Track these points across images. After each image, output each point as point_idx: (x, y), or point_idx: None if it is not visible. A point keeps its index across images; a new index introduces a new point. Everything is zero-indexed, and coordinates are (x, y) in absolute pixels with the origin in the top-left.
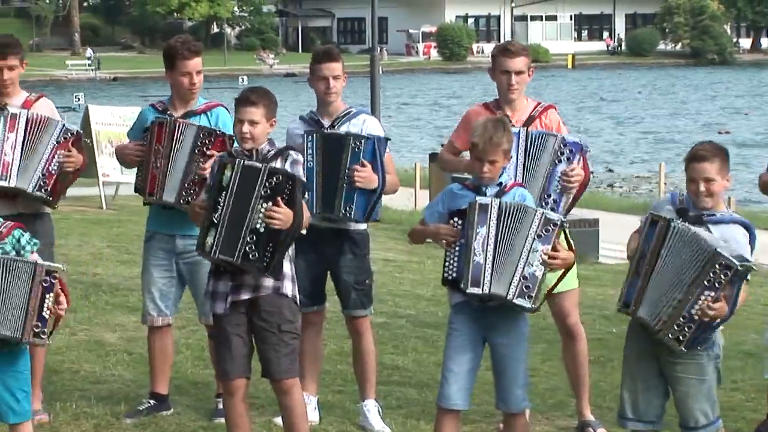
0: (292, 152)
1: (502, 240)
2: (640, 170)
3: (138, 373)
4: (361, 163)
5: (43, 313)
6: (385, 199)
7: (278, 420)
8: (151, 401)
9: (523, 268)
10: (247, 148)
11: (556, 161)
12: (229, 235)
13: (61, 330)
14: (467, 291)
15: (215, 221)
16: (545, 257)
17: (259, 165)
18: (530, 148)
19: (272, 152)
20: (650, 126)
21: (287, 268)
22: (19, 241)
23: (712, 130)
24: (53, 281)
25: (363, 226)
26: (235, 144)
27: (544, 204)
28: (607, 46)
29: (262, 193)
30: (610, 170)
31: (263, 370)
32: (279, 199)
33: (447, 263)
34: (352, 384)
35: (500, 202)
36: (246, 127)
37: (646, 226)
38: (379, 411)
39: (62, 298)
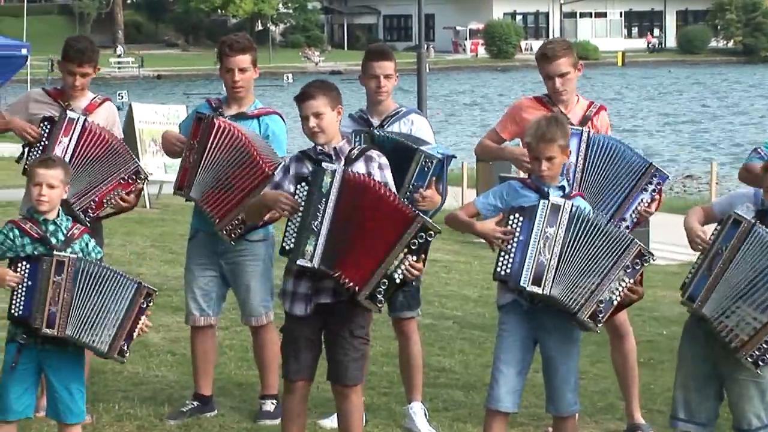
0: (374, 153)
1: (570, 245)
2: (689, 169)
3: (181, 374)
4: (428, 186)
5: (133, 333)
6: None
7: (324, 422)
8: (195, 402)
9: (603, 292)
10: (321, 142)
11: (642, 189)
12: (336, 248)
13: None
14: (527, 289)
15: (314, 228)
16: (626, 290)
17: (410, 213)
18: (600, 156)
19: (355, 153)
20: (701, 124)
21: None
22: (87, 245)
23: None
24: (149, 304)
25: None
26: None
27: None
28: (647, 43)
29: (412, 246)
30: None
31: (329, 373)
32: (423, 255)
33: (502, 258)
34: (398, 386)
35: (572, 206)
36: (312, 121)
37: (727, 224)
38: (425, 413)
39: (148, 320)
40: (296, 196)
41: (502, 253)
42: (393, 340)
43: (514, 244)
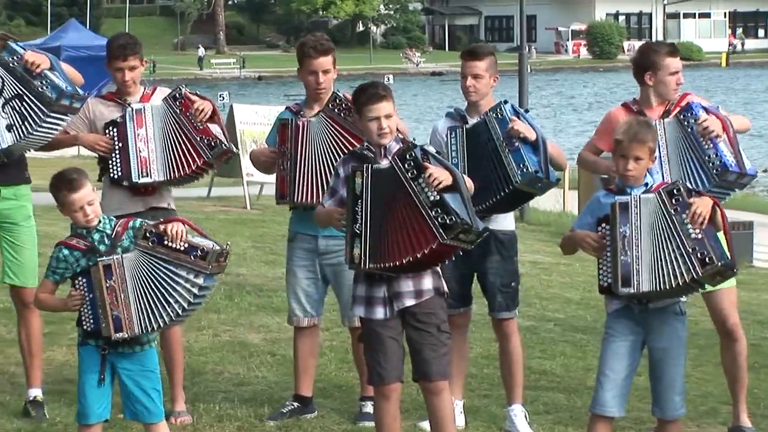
0: (425, 147)
1: (648, 237)
2: None
3: (281, 374)
4: (511, 121)
5: (180, 247)
6: (533, 201)
7: (423, 424)
8: (295, 404)
9: (684, 245)
10: (386, 143)
11: (688, 129)
12: (377, 242)
13: (204, 331)
14: (620, 292)
15: (357, 231)
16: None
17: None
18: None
19: (402, 149)
20: None
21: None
22: (134, 229)
23: None
24: (155, 232)
25: (511, 226)
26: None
27: (710, 166)
28: (729, 44)
29: (413, 172)
30: (766, 170)
31: (416, 372)
32: (430, 165)
33: (601, 270)
34: (498, 388)
35: (640, 198)
36: (384, 122)
37: None
38: (525, 416)
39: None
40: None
41: (600, 265)
42: (493, 342)
43: (608, 253)
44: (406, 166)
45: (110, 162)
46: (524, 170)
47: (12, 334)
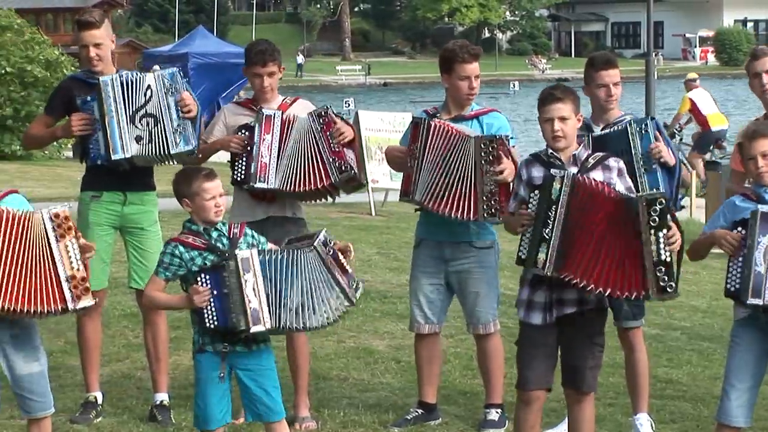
0: (612, 161)
1: None
2: None
3: (406, 381)
4: (655, 139)
5: (347, 268)
6: None
7: None
8: (419, 410)
9: None
10: (561, 147)
11: None
12: (565, 251)
13: (329, 337)
14: (747, 302)
15: (546, 236)
16: None
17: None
18: None
19: (591, 161)
20: None
21: None
22: (253, 237)
23: None
24: (333, 246)
25: None
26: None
27: None
28: None
29: (653, 224)
30: None
31: (564, 378)
32: (672, 221)
33: (730, 274)
34: (623, 397)
35: None
36: (557, 125)
37: None
38: (651, 425)
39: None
40: (530, 206)
41: (730, 269)
42: (618, 350)
43: (740, 259)
44: (651, 212)
45: (236, 163)
46: None
47: (139, 339)
